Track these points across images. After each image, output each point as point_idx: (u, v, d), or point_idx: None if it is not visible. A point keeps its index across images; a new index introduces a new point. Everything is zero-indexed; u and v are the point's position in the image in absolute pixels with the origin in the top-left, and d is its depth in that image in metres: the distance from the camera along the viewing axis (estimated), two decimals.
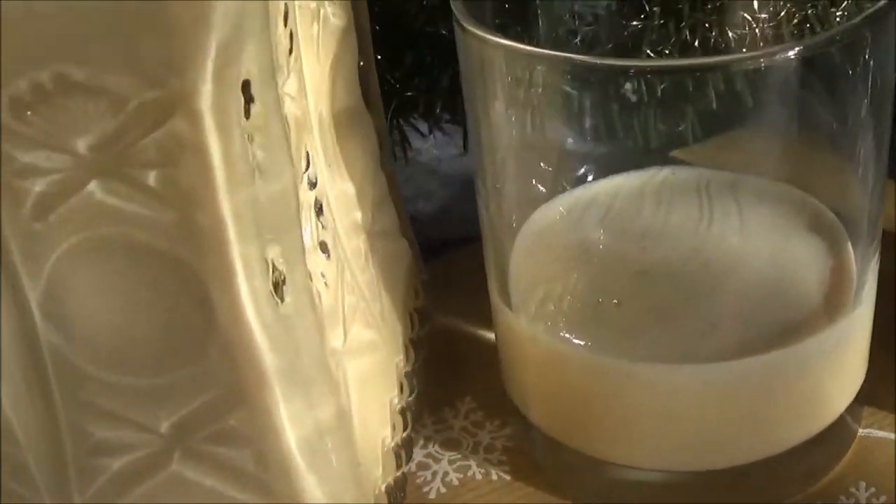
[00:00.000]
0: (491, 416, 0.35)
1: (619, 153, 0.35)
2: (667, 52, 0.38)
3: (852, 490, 0.32)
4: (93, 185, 0.23)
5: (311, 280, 0.26)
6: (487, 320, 0.35)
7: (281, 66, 0.25)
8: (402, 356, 0.33)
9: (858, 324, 0.31)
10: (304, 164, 0.28)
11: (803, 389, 0.31)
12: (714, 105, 0.32)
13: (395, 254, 0.35)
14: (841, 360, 0.31)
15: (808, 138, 0.32)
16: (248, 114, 0.23)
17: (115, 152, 0.23)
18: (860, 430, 0.34)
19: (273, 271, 0.25)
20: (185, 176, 0.23)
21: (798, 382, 0.31)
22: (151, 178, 0.23)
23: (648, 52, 0.38)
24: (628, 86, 0.32)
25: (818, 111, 0.31)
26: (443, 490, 0.33)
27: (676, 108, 0.35)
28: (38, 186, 0.23)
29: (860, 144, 0.31)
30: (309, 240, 0.27)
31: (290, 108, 0.26)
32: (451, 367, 0.36)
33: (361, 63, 0.33)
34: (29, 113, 0.22)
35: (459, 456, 0.34)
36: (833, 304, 0.31)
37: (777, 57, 0.28)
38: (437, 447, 0.34)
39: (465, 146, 0.44)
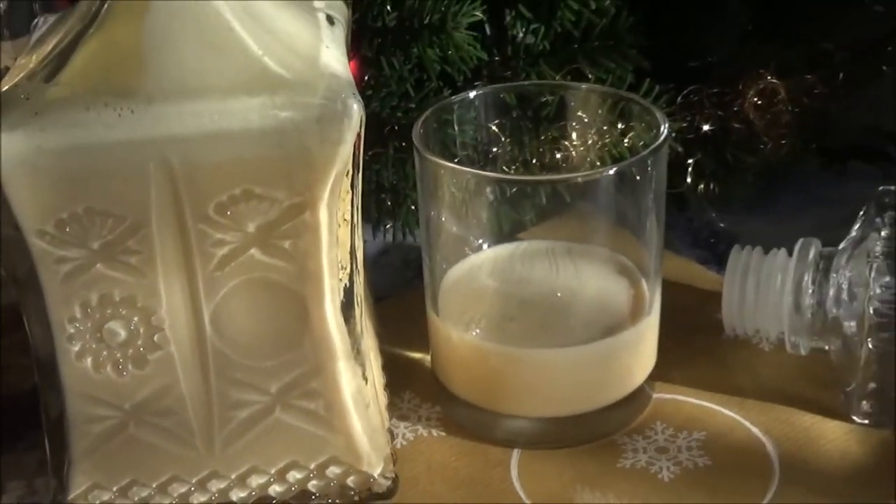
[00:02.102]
0: (426, 400, 0.56)
1: (500, 233, 0.56)
2: (513, 168, 0.59)
3: (652, 426, 0.53)
4: (253, 250, 0.43)
5: (359, 301, 0.46)
6: (416, 344, 0.56)
7: (347, 187, 0.45)
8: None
9: (650, 326, 0.53)
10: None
11: (619, 366, 0.53)
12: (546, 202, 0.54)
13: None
14: (640, 349, 0.53)
15: (616, 220, 0.54)
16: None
17: (269, 231, 0.43)
18: (654, 394, 0.55)
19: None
20: (305, 243, 0.43)
21: (615, 361, 0.52)
22: (287, 244, 0.43)
23: (504, 167, 0.59)
24: (488, 190, 0.53)
25: (621, 203, 0.53)
26: (404, 443, 0.53)
27: (522, 205, 0.56)
28: (222, 251, 0.43)
29: (647, 223, 0.53)
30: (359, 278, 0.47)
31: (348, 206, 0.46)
32: (396, 374, 0.56)
33: None
34: (227, 212, 0.42)
35: (410, 424, 0.54)
36: (634, 314, 0.53)
37: (603, 173, 0.50)
38: (395, 420, 0.54)
39: (373, 235, 0.65)
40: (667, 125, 0.51)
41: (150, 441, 0.45)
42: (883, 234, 0.52)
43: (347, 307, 0.45)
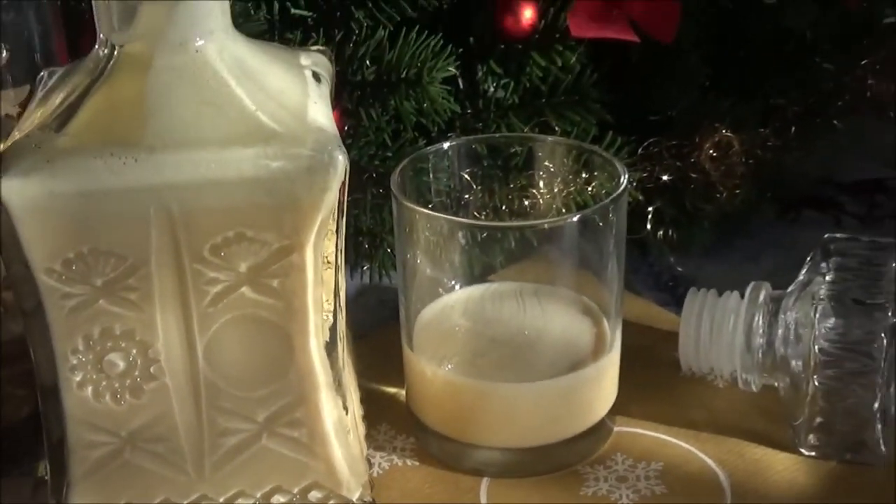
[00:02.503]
0: (401, 432, 0.59)
1: (471, 275, 0.60)
2: (484, 214, 0.63)
3: (612, 457, 0.57)
4: (244, 288, 0.46)
5: (341, 337, 0.50)
6: (391, 380, 0.59)
7: (331, 231, 0.48)
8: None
9: (611, 362, 0.57)
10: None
11: (581, 400, 0.56)
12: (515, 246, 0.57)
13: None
14: (602, 384, 0.57)
15: (580, 263, 0.57)
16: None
17: (260, 271, 0.46)
18: (615, 427, 0.59)
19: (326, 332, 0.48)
20: (292, 283, 0.46)
21: (578, 395, 0.56)
22: (275, 283, 0.46)
23: (475, 213, 0.63)
24: (460, 235, 0.57)
25: (585, 248, 0.56)
26: (380, 471, 0.57)
27: (492, 249, 0.59)
28: (216, 289, 0.46)
29: (609, 266, 0.57)
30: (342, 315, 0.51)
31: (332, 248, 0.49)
32: (373, 407, 0.60)
33: None
34: (221, 253, 0.46)
35: (386, 454, 0.58)
36: (596, 351, 0.57)
37: (567, 219, 0.54)
38: (372, 451, 0.58)
39: (351, 276, 0.68)
40: (626, 175, 0.56)
41: (145, 466, 0.49)
42: (827, 278, 0.56)
43: (330, 342, 0.49)
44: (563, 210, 0.60)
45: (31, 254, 0.45)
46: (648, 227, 0.70)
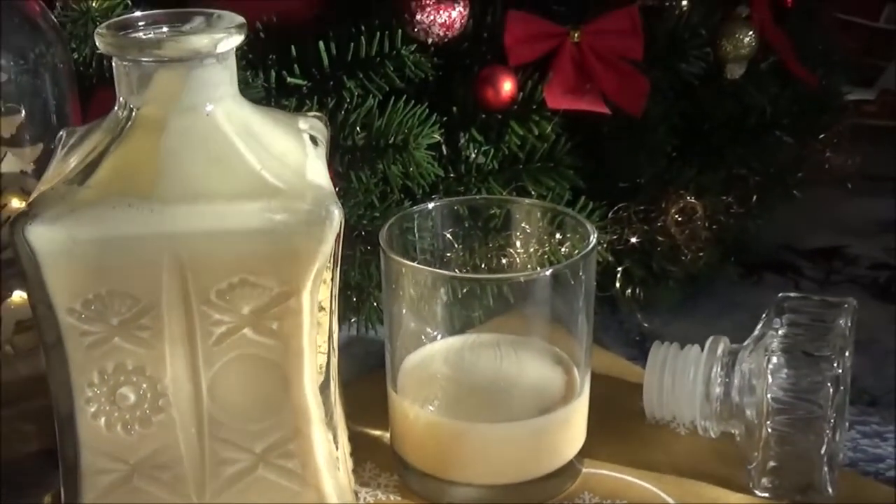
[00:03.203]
0: (385, 470, 0.64)
1: (452, 328, 0.64)
2: (465, 271, 0.68)
3: (580, 495, 0.62)
4: (246, 330, 0.51)
5: (333, 376, 0.54)
6: (376, 423, 0.64)
7: (326, 279, 0.53)
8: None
9: (580, 407, 0.62)
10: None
11: (552, 441, 0.61)
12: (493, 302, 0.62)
13: None
14: (571, 426, 0.62)
15: (552, 317, 0.62)
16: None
17: (261, 314, 0.51)
18: (583, 469, 0.64)
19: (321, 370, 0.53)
20: (290, 325, 0.51)
21: (549, 436, 0.61)
22: (275, 325, 0.51)
23: (457, 270, 0.68)
24: (442, 290, 0.62)
25: (557, 303, 0.61)
26: None
27: (472, 304, 0.64)
28: (220, 330, 0.51)
29: (579, 320, 0.61)
30: (335, 357, 0.55)
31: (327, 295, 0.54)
32: (359, 448, 0.64)
33: None
34: (226, 297, 0.50)
35: (371, 490, 0.62)
36: (566, 395, 0.62)
37: (541, 274, 0.59)
38: (357, 486, 0.62)
39: (339, 328, 0.73)
40: (595, 235, 0.61)
41: (151, 491, 0.53)
42: (780, 332, 0.61)
43: (324, 381, 0.53)
44: (538, 268, 0.65)
45: (53, 294, 0.49)
46: (618, 285, 0.75)
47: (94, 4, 0.72)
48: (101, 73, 0.73)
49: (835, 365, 0.59)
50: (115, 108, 0.52)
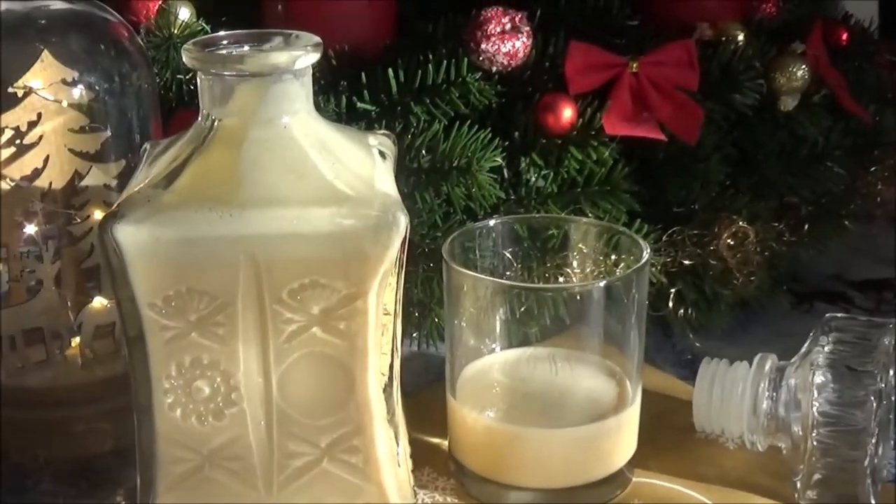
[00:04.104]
0: (442, 474, 0.66)
1: (510, 345, 0.67)
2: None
3: (630, 503, 0.64)
4: (315, 329, 0.54)
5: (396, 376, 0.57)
6: (435, 432, 0.67)
7: (392, 283, 0.56)
8: None
9: (631, 416, 0.64)
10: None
11: (602, 449, 0.63)
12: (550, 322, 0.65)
13: None
14: (622, 435, 0.64)
15: (605, 334, 0.65)
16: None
17: (329, 314, 0.54)
18: (633, 478, 0.66)
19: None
20: (356, 325, 0.54)
21: (600, 444, 0.63)
22: (342, 325, 0.54)
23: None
24: (501, 308, 0.65)
25: (610, 320, 0.64)
26: None
27: (529, 324, 0.67)
28: (291, 328, 0.54)
29: (631, 336, 0.64)
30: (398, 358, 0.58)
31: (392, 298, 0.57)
32: (418, 454, 0.67)
33: None
34: (298, 297, 0.54)
35: (429, 492, 0.65)
36: (618, 405, 0.64)
37: (595, 285, 0.62)
38: (416, 488, 0.65)
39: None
40: (648, 251, 0.63)
41: (221, 481, 0.56)
42: (826, 349, 0.63)
43: (387, 381, 0.56)
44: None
45: (137, 290, 0.53)
46: (670, 305, 0.78)
47: (175, 31, 0.77)
48: (180, 96, 0.77)
49: (878, 380, 0.61)
50: (199, 119, 0.55)
